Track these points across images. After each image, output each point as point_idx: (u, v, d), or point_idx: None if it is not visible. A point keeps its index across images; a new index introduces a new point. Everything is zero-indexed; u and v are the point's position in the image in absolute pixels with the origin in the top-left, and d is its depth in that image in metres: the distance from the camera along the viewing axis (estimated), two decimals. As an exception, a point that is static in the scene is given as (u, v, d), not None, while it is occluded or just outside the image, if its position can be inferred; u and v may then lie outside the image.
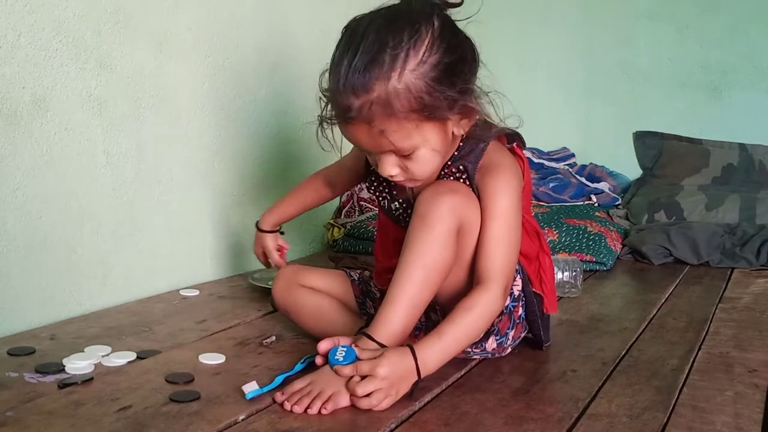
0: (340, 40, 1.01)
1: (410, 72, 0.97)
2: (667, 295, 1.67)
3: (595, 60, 2.81)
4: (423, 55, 0.97)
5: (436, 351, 1.01)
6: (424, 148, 1.02)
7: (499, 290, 1.05)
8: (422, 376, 0.99)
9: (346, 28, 1.02)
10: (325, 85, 1.03)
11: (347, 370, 0.97)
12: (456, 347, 1.03)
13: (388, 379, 0.96)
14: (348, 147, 1.13)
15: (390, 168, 1.04)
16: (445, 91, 0.99)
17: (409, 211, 1.13)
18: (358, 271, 1.34)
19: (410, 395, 0.99)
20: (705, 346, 1.28)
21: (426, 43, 0.98)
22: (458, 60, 1.01)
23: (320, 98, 1.05)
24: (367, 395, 0.95)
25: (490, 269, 1.06)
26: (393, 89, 0.96)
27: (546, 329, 1.23)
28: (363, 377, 0.96)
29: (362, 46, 0.97)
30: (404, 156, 1.03)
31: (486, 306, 1.04)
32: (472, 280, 1.08)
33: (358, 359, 0.98)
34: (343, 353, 0.99)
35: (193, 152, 1.75)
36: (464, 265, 1.10)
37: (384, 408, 0.96)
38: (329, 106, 1.03)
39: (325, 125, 1.05)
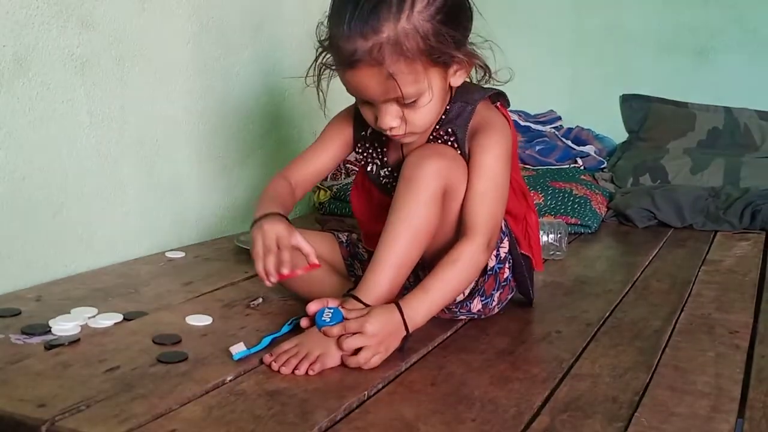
0: None
1: (418, 13, 0.98)
2: (650, 258, 1.69)
3: (582, 22, 2.79)
4: None
5: (422, 305, 1.01)
6: (427, 95, 1.03)
7: (483, 241, 1.06)
8: (410, 331, 1.00)
9: None
10: (323, 36, 1.04)
11: (335, 330, 0.97)
12: (442, 300, 1.05)
13: (376, 336, 0.96)
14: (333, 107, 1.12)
15: (391, 119, 1.04)
16: (450, 33, 1.00)
17: (397, 177, 1.12)
18: (346, 234, 1.34)
19: (401, 350, 1.00)
20: (687, 308, 1.30)
21: None
22: (459, 5, 1.04)
23: (318, 49, 1.06)
24: (355, 353, 0.96)
25: (474, 222, 1.07)
26: (402, 30, 0.97)
27: (532, 286, 1.25)
28: (352, 334, 0.97)
29: None
30: (406, 105, 1.03)
31: (469, 257, 1.05)
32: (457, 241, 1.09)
33: (345, 320, 0.99)
34: (330, 314, 0.99)
35: (178, 113, 1.73)
36: (450, 228, 1.10)
37: (373, 365, 0.96)
38: (328, 56, 1.04)
39: (323, 74, 1.06)
